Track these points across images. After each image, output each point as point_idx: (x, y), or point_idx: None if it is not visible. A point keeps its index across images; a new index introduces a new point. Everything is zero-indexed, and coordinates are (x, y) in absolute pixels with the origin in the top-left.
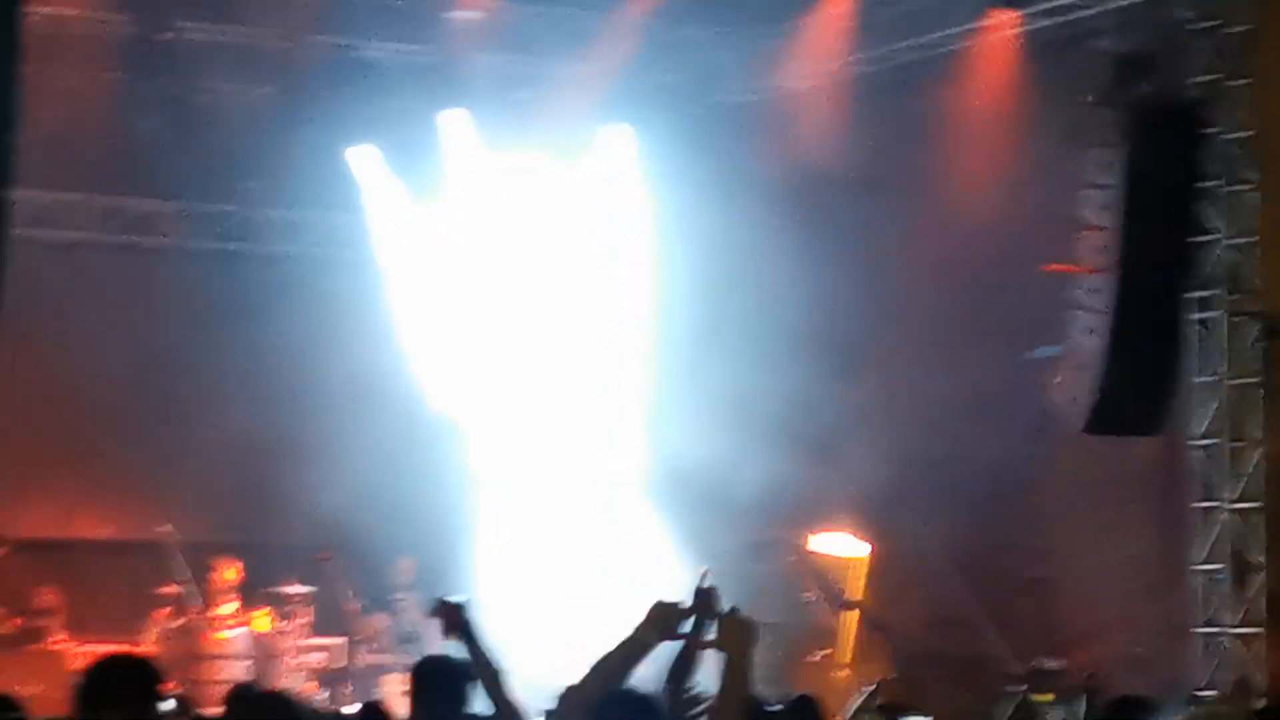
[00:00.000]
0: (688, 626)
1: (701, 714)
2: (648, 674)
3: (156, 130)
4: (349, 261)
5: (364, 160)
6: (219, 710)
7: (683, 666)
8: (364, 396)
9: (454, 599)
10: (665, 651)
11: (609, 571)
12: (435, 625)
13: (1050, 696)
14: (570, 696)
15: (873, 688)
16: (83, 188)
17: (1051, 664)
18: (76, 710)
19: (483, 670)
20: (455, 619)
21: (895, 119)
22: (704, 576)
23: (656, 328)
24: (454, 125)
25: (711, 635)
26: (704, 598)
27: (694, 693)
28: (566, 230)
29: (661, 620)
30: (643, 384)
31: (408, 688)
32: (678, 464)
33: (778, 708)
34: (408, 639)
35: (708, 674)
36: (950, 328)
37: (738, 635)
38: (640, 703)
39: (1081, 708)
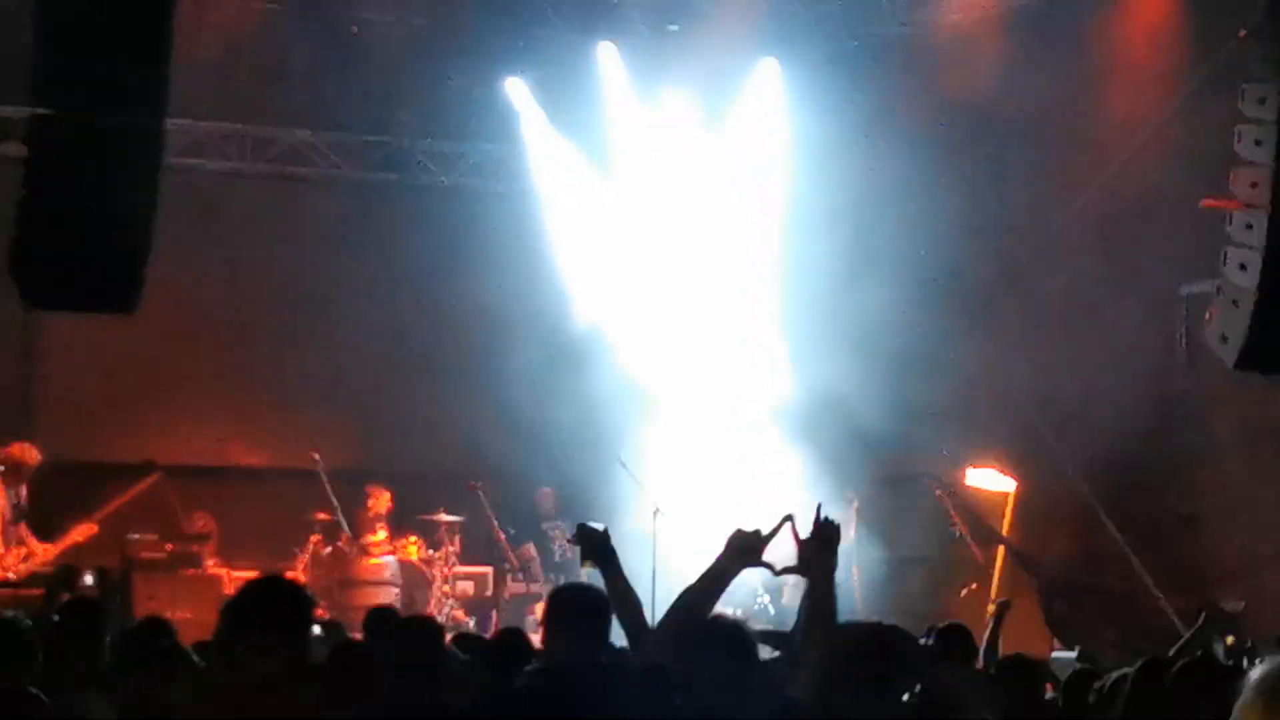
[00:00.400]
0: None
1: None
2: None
3: (310, 61)
4: (501, 192)
5: (517, 92)
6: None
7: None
8: (516, 326)
9: (594, 526)
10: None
11: (751, 500)
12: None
13: (1230, 640)
14: (660, 628)
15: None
16: (237, 118)
17: (1231, 605)
18: (227, 629)
19: (620, 599)
20: (594, 545)
21: (1048, 54)
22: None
23: (799, 262)
24: (605, 58)
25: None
26: (784, 523)
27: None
28: (712, 162)
29: (741, 548)
30: (787, 319)
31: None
32: (823, 397)
33: (927, 639)
34: (556, 569)
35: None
36: (1102, 263)
37: (817, 559)
38: (730, 629)
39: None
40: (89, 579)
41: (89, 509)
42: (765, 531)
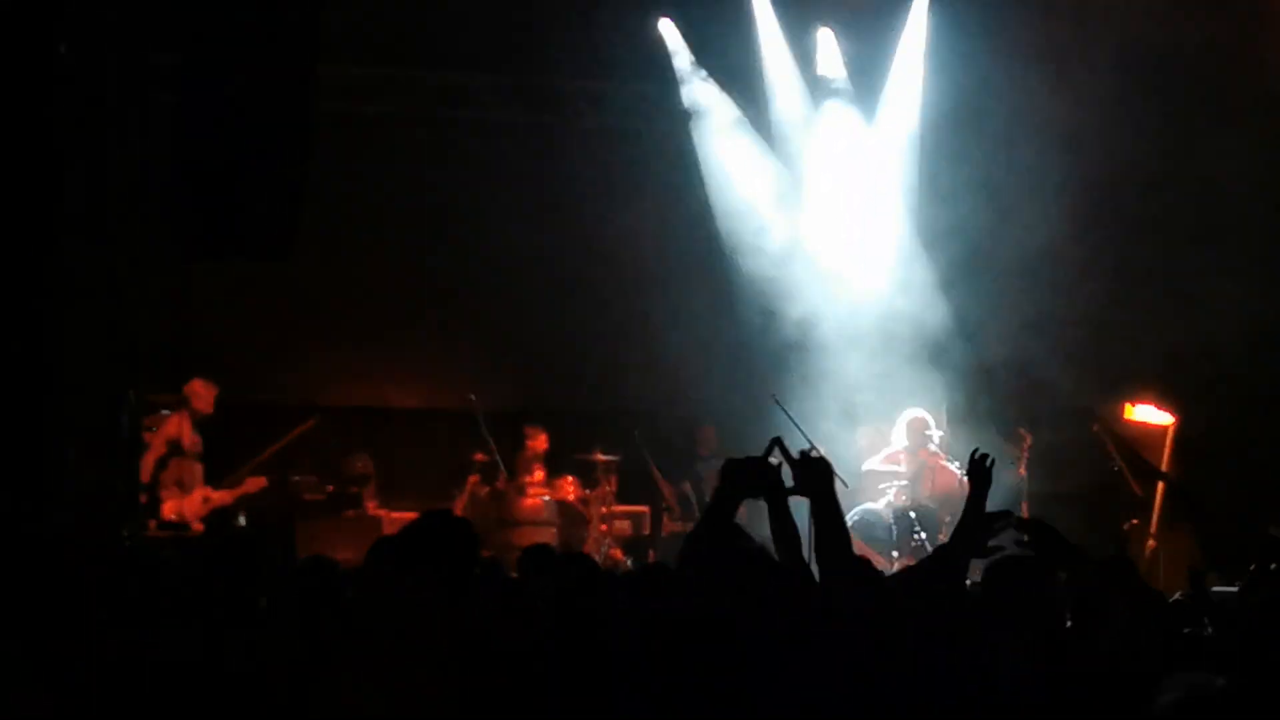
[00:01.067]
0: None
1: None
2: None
3: (459, 2)
4: (654, 132)
5: (669, 32)
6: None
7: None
8: (670, 265)
9: (739, 456)
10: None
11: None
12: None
13: None
14: (680, 569)
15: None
16: (388, 61)
17: None
18: (392, 563)
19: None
20: (764, 480)
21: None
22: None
23: (951, 199)
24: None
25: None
26: (772, 447)
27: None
28: (863, 103)
29: (736, 476)
30: (941, 255)
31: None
32: (975, 332)
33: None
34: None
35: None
36: (1263, 191)
37: (813, 476)
38: (757, 553)
39: None
40: (242, 520)
41: (251, 452)
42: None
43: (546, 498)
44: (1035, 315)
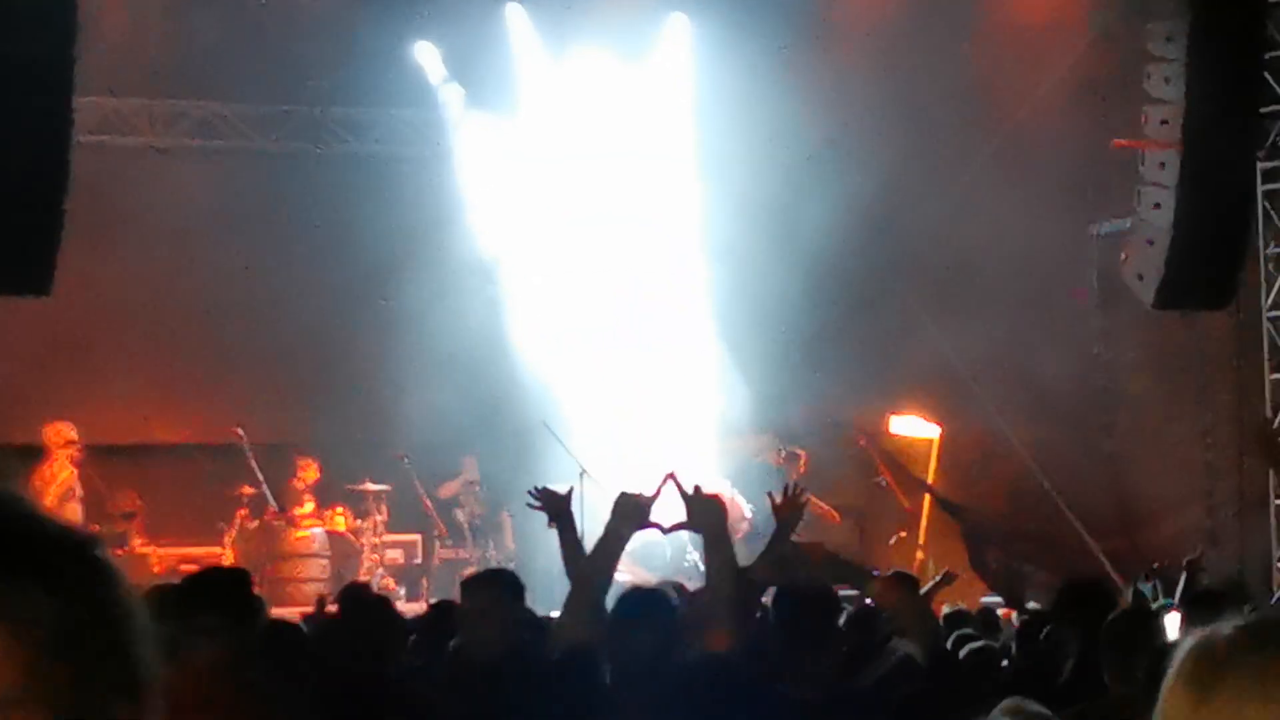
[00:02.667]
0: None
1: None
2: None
3: (217, 32)
4: (414, 158)
5: (426, 57)
6: (328, 610)
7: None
8: (434, 292)
9: (556, 489)
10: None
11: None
12: (505, 521)
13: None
14: (568, 605)
15: (940, 577)
16: (145, 93)
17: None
18: (171, 615)
19: (572, 559)
20: (559, 507)
21: None
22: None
23: (713, 216)
24: (513, 18)
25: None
26: (666, 482)
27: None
28: (623, 120)
29: (629, 511)
30: (707, 273)
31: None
32: (747, 350)
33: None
34: (474, 533)
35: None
36: (1017, 204)
37: (705, 513)
38: (647, 598)
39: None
40: None
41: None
42: (649, 493)
43: (317, 529)
44: (799, 331)
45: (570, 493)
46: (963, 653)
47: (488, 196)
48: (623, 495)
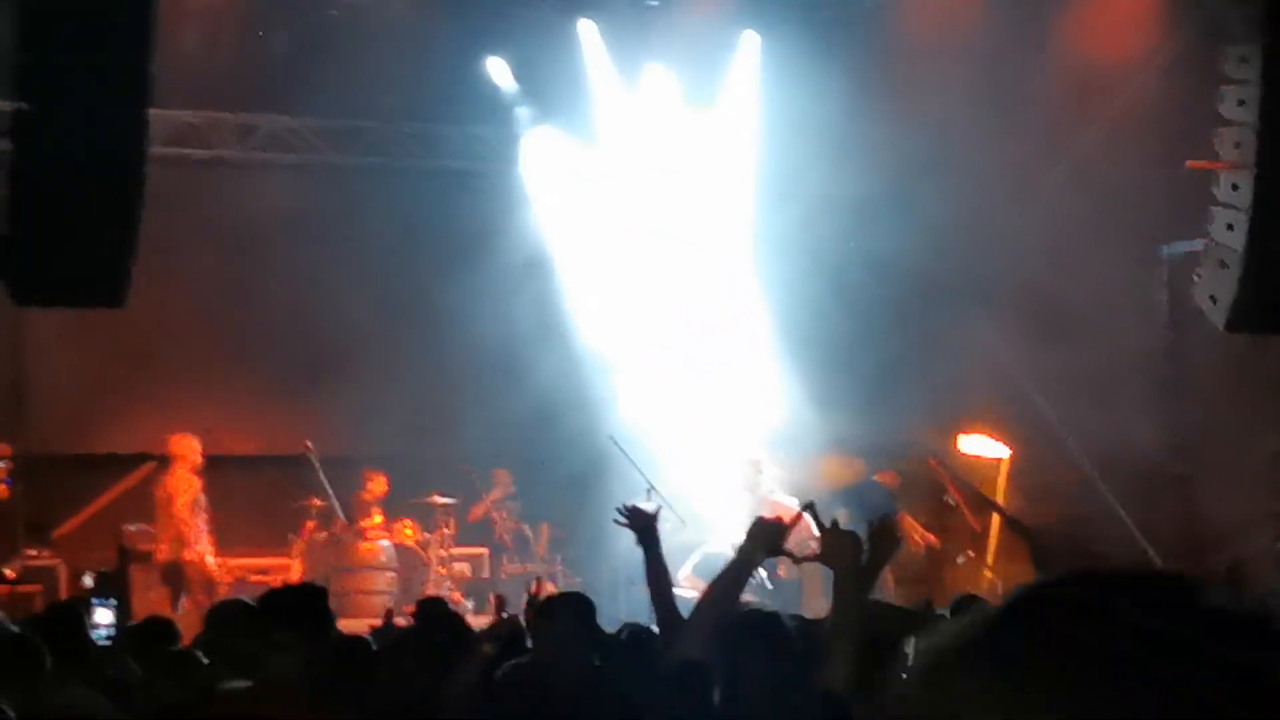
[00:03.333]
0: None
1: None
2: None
3: (291, 47)
4: (484, 173)
5: (498, 72)
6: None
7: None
8: (503, 308)
9: (645, 507)
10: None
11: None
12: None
13: None
14: (693, 623)
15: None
16: (219, 106)
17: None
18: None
19: (656, 582)
20: (647, 526)
21: (1030, 18)
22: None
23: (781, 237)
24: (585, 36)
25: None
26: (807, 512)
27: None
28: (696, 138)
29: (764, 537)
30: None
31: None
32: (813, 368)
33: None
34: (499, 549)
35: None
36: (1089, 225)
37: (840, 548)
38: (766, 622)
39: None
40: (88, 580)
41: (83, 502)
42: (787, 519)
43: (385, 542)
44: (869, 351)
45: (658, 511)
46: None
47: (555, 211)
48: (758, 521)
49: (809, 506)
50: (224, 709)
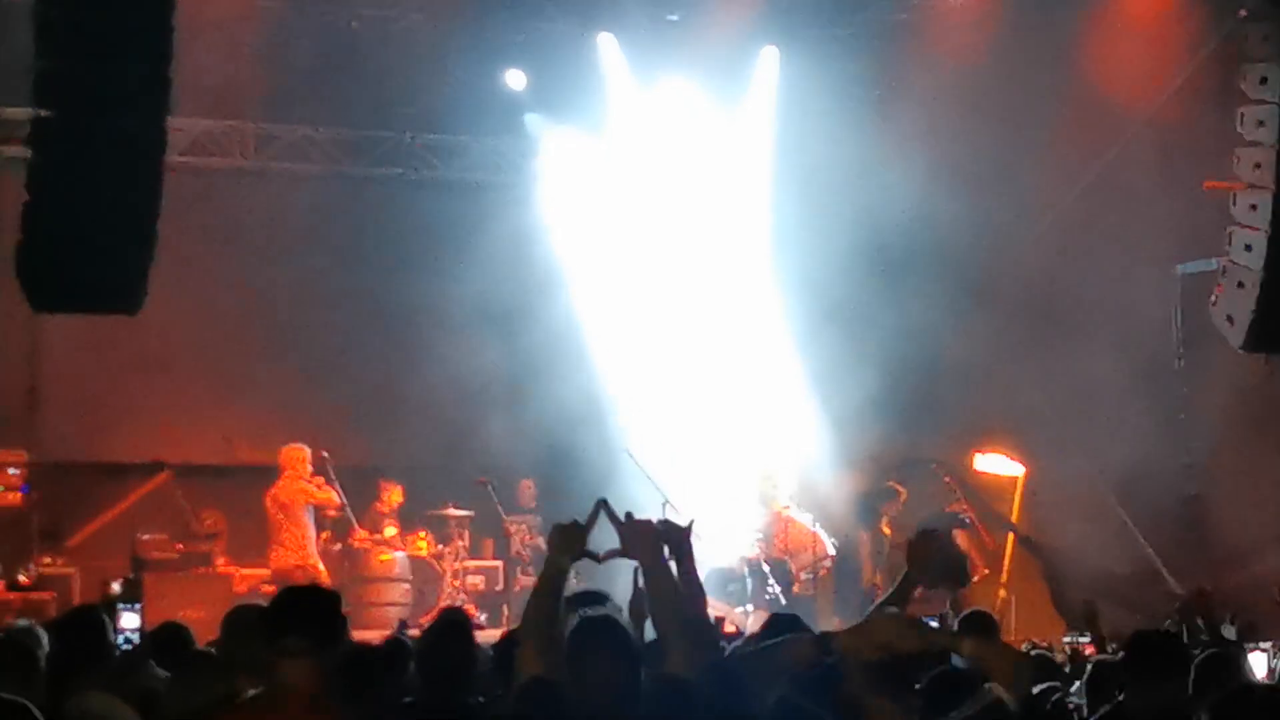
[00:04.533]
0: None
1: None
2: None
3: (311, 57)
4: (502, 185)
5: (517, 84)
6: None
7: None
8: (521, 319)
9: (679, 522)
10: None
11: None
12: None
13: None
14: (522, 644)
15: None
16: (237, 115)
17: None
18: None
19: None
20: (677, 540)
21: (1048, 36)
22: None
23: (799, 250)
24: (605, 49)
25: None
26: (598, 510)
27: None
28: (716, 151)
29: (565, 541)
30: (789, 307)
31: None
32: (828, 386)
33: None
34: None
35: None
36: (1105, 244)
37: (640, 541)
38: (603, 622)
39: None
40: (116, 587)
41: (97, 510)
42: (583, 520)
43: (399, 554)
44: (883, 368)
45: (691, 525)
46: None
47: (573, 224)
48: (557, 526)
49: (601, 503)
50: (240, 715)
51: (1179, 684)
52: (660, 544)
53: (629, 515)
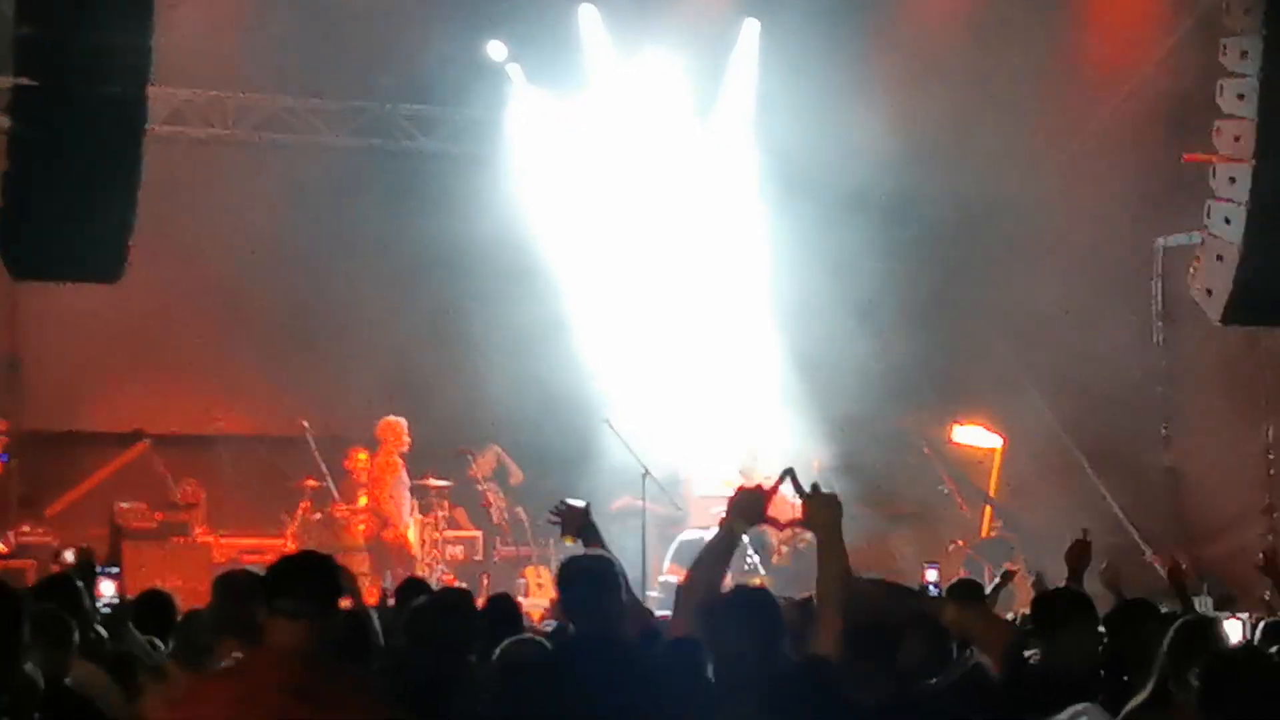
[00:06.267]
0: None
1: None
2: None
3: (289, 27)
4: (482, 156)
5: (498, 55)
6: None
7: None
8: (500, 290)
9: (575, 503)
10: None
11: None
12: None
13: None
14: (682, 597)
15: (999, 578)
16: (216, 85)
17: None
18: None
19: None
20: (575, 522)
21: (1030, 7)
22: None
23: (780, 221)
24: (585, 19)
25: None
26: (786, 478)
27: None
28: (696, 123)
29: (746, 508)
30: (769, 278)
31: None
32: (810, 357)
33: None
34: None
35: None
36: (1085, 217)
37: (823, 511)
38: (754, 596)
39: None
40: (69, 556)
41: (77, 478)
42: (766, 487)
43: None
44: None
45: (588, 508)
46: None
47: (553, 194)
48: (739, 490)
49: (789, 473)
50: (224, 678)
51: (1083, 630)
52: (839, 517)
53: (815, 486)
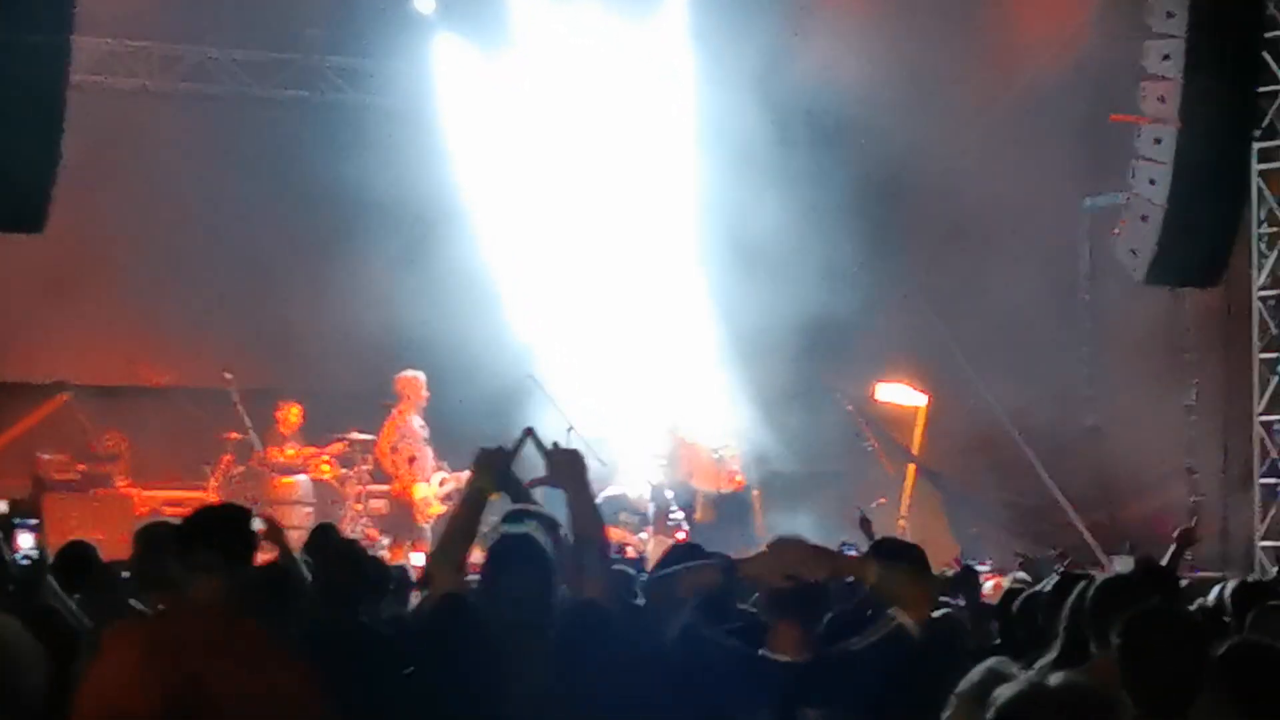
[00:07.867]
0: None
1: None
2: None
3: None
4: (409, 109)
5: (425, 9)
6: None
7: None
8: (425, 245)
9: (492, 447)
10: None
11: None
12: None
13: None
14: (433, 565)
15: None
16: (142, 35)
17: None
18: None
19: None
20: (495, 470)
21: None
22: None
23: (708, 181)
24: None
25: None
26: (524, 438)
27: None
28: (621, 76)
29: (488, 466)
30: (698, 237)
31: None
32: (733, 315)
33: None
34: None
35: None
36: (1012, 176)
37: (567, 468)
38: (519, 540)
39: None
40: (3, 507)
41: None
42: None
43: (302, 477)
44: (789, 298)
45: (510, 450)
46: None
47: (480, 147)
48: (482, 451)
49: (528, 432)
50: (141, 630)
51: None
52: (585, 472)
53: (555, 444)
